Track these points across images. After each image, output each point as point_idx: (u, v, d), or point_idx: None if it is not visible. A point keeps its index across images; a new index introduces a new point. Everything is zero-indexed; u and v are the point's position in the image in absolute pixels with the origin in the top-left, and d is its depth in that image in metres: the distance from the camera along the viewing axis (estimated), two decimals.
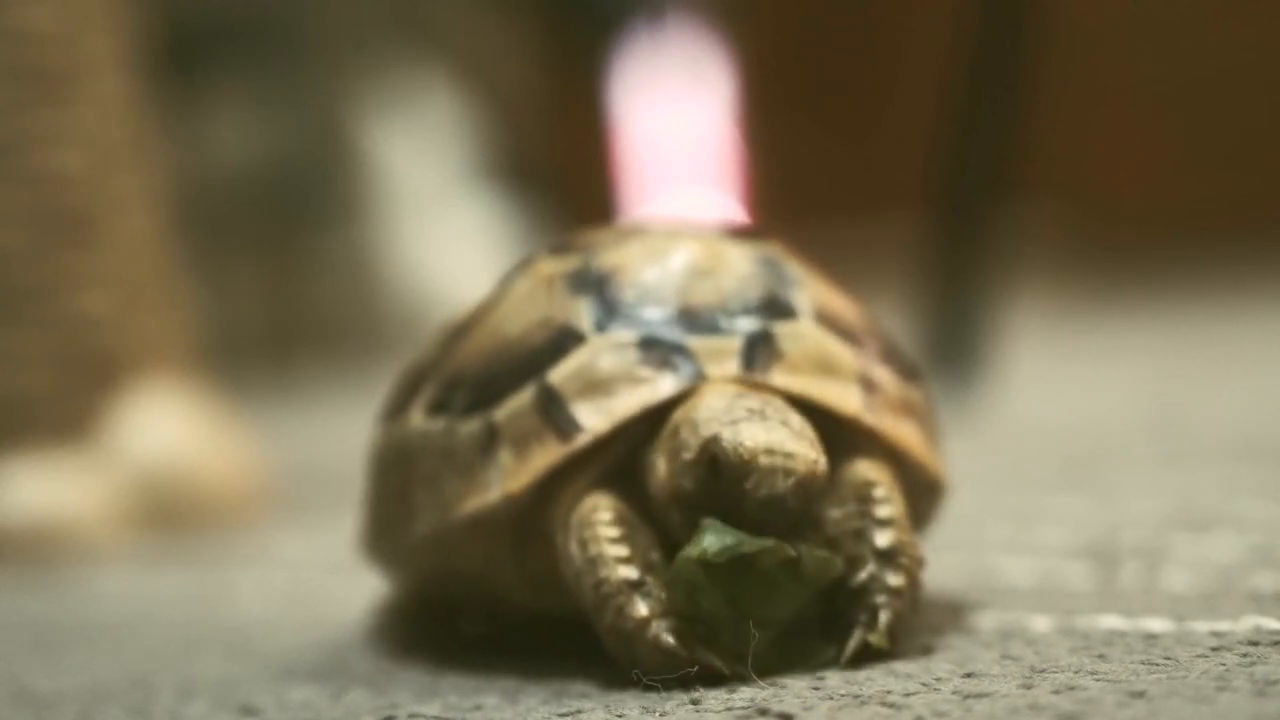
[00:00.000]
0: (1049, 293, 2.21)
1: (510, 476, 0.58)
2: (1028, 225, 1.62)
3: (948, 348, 1.29)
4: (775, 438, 0.54)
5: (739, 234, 0.64)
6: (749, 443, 0.54)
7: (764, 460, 0.54)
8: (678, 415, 0.56)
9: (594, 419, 0.57)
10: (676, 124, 2.82)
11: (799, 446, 0.54)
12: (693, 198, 2.73)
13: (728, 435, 0.54)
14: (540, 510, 0.58)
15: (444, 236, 2.39)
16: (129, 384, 1.05)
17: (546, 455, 0.57)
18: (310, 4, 2.39)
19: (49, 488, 1.02)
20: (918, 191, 1.37)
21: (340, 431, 1.15)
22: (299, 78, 2.36)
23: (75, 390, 1.04)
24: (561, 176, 2.79)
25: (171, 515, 1.04)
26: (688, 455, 0.55)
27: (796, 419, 0.56)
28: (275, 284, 2.35)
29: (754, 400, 0.56)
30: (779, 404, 0.56)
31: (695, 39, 2.82)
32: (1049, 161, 1.91)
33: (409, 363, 0.67)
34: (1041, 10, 1.31)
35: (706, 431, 0.55)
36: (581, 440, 0.57)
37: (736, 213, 2.65)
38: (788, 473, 0.54)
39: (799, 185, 2.62)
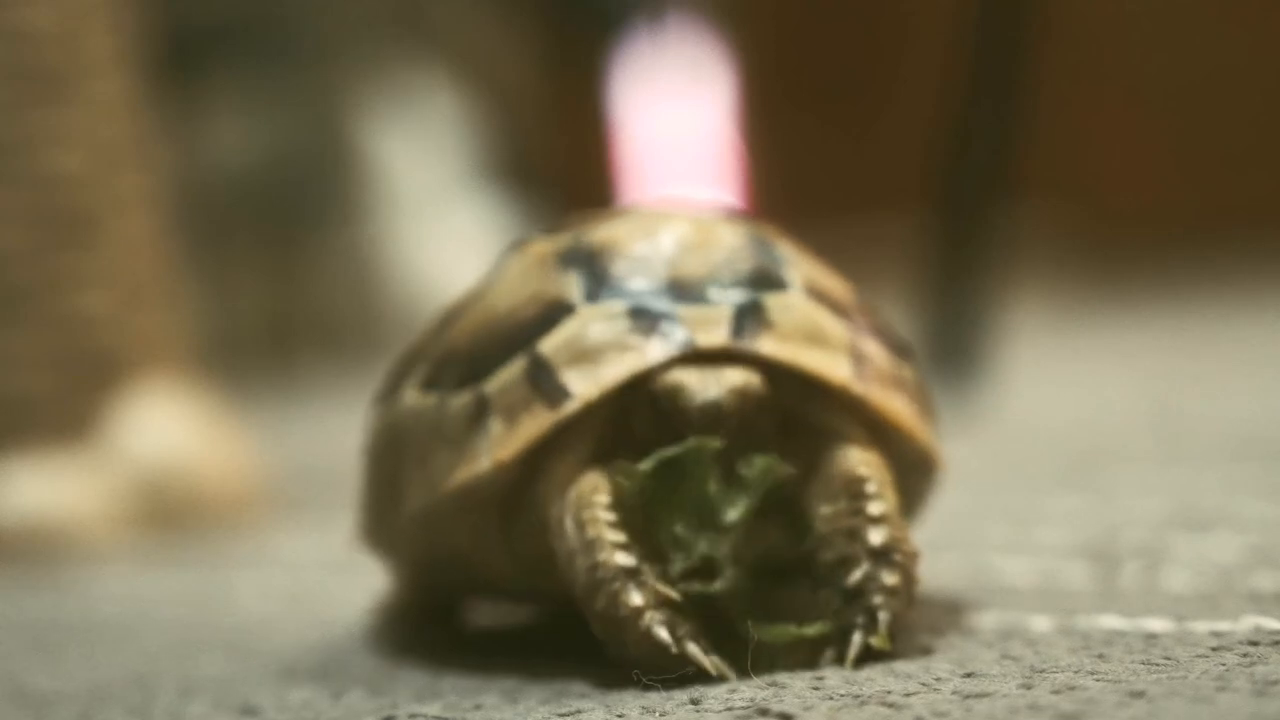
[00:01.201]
0: (1049, 293, 2.21)
1: (500, 445, 0.58)
2: (1027, 225, 1.62)
3: (948, 347, 1.29)
4: (704, 369, 0.56)
5: (730, 215, 0.64)
6: (679, 372, 0.56)
7: (694, 379, 0.56)
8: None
9: (583, 386, 0.57)
10: (677, 124, 2.82)
11: (730, 368, 0.56)
12: (693, 196, 2.73)
13: (659, 375, 0.56)
14: (529, 484, 0.58)
15: (444, 236, 2.39)
16: (129, 384, 1.05)
17: (536, 423, 0.57)
18: (310, 4, 2.39)
19: (49, 488, 1.02)
20: (918, 191, 1.37)
21: (340, 431, 1.15)
22: (299, 78, 2.36)
23: (75, 390, 1.04)
24: (562, 176, 2.79)
25: (171, 515, 1.04)
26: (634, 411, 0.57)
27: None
28: (275, 284, 2.36)
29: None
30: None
31: (695, 38, 2.82)
32: (1049, 161, 1.91)
33: (404, 347, 0.67)
34: (1041, 10, 1.31)
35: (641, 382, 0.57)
36: (570, 407, 0.57)
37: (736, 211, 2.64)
38: (720, 380, 0.56)
39: (799, 184, 2.62)
